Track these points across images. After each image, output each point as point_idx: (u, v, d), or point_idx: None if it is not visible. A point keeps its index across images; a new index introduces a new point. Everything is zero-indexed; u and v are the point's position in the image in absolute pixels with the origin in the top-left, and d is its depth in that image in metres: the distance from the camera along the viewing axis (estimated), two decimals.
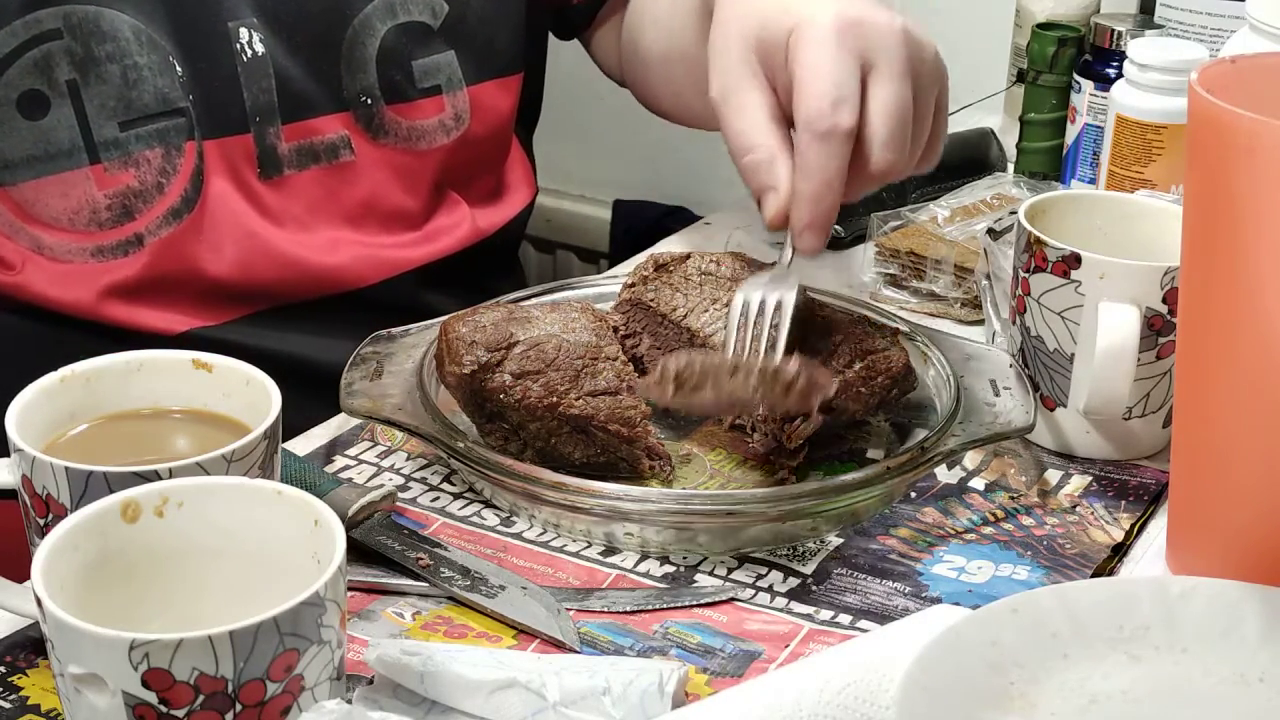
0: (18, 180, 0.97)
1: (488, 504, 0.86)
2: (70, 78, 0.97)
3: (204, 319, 1.04)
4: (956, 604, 0.75)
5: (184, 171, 1.01)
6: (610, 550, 0.82)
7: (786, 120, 0.86)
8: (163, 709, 0.58)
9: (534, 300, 0.97)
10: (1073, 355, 0.89)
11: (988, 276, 1.01)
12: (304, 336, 1.07)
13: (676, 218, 1.88)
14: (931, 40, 0.88)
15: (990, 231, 1.03)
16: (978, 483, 0.88)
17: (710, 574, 0.80)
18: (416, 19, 1.09)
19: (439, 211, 1.14)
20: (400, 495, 0.86)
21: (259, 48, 1.03)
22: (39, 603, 0.59)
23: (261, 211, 1.05)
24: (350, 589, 0.76)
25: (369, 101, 1.08)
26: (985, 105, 1.38)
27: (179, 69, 1.00)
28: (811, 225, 0.84)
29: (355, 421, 0.92)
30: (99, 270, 1.00)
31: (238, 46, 1.02)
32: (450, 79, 1.11)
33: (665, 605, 0.78)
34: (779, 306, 0.84)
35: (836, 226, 1.19)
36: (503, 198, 1.20)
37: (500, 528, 0.84)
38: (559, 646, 0.74)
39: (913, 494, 0.87)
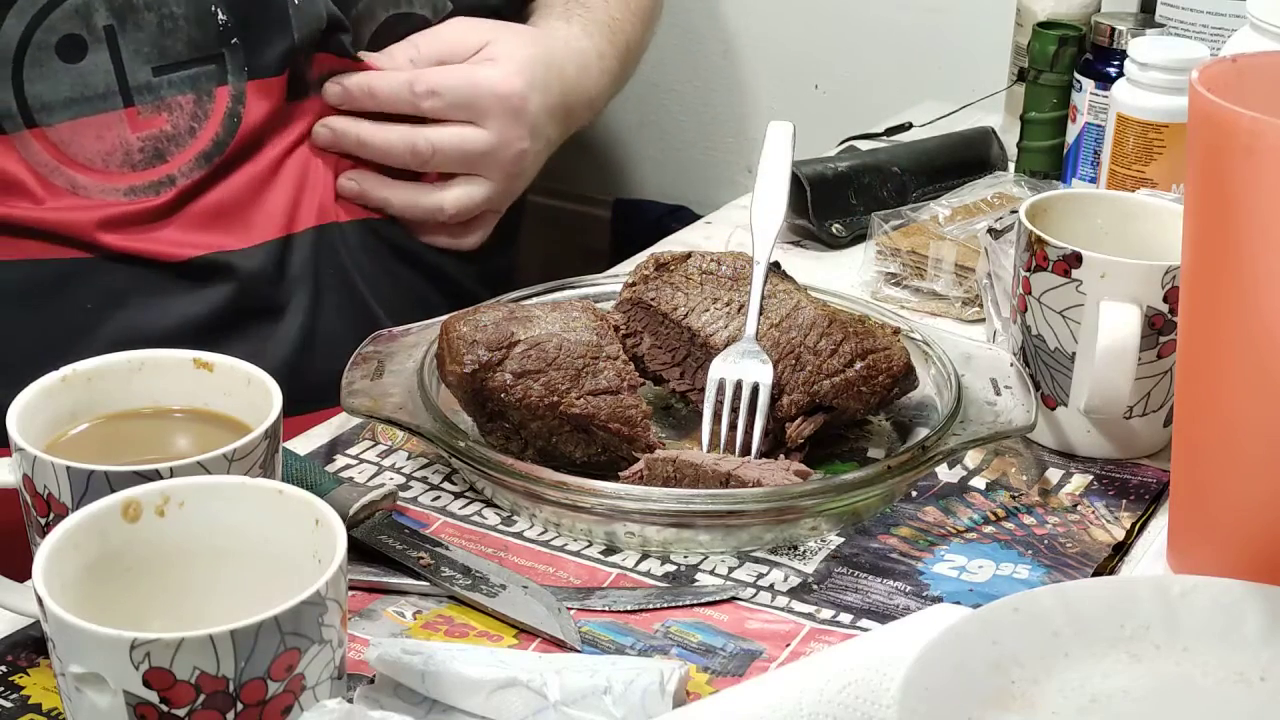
0: (55, 121, 1.01)
1: (489, 503, 0.86)
2: (108, 23, 1.01)
3: (224, 244, 1.06)
4: (957, 603, 0.75)
5: (215, 116, 1.04)
6: (611, 549, 0.82)
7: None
8: (164, 708, 0.58)
9: (534, 299, 0.97)
10: (1074, 354, 0.89)
11: (989, 275, 1.01)
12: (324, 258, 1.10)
13: (677, 217, 1.87)
14: (518, 189, 1.17)
15: (991, 230, 1.03)
16: (979, 482, 0.88)
17: (711, 573, 0.80)
18: (418, 11, 1.13)
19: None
20: (401, 494, 0.86)
21: None
22: (40, 602, 0.59)
23: (295, 135, 1.08)
24: (351, 588, 0.76)
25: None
26: (986, 104, 1.38)
27: (221, 16, 1.03)
28: (337, 95, 1.10)
29: (356, 421, 0.92)
30: (127, 204, 1.04)
31: None
32: None
33: (666, 604, 0.78)
34: (755, 390, 0.87)
35: (836, 225, 1.20)
36: None
37: (501, 527, 0.84)
38: (560, 646, 0.74)
39: (914, 493, 0.87)
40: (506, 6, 1.21)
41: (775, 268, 0.93)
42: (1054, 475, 0.90)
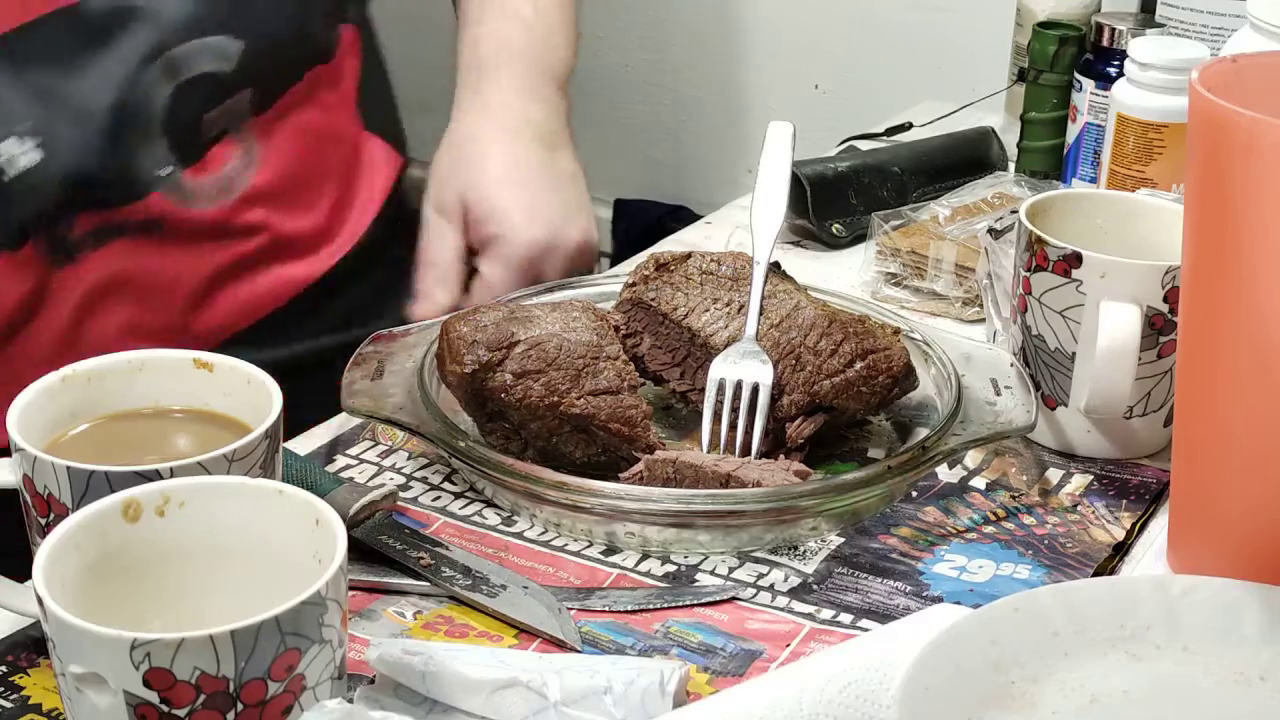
0: None
1: (489, 503, 0.86)
2: None
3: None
4: (957, 603, 0.75)
5: None
6: (611, 549, 0.82)
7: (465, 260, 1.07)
8: (164, 708, 0.58)
9: (535, 299, 0.97)
10: (1074, 354, 0.89)
11: (989, 275, 1.01)
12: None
13: (677, 217, 1.88)
14: (595, 253, 1.10)
15: (991, 230, 1.03)
16: (979, 482, 0.88)
17: (711, 573, 0.80)
18: (206, 70, 1.01)
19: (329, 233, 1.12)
20: (401, 495, 0.86)
21: (24, 161, 0.95)
22: (40, 602, 0.59)
23: (80, 293, 1.00)
24: (351, 588, 0.76)
25: (169, 171, 1.01)
26: (986, 104, 1.38)
27: None
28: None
29: (356, 421, 0.92)
30: None
31: None
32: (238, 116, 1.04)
33: (666, 604, 0.78)
34: (755, 390, 0.87)
35: (836, 225, 1.20)
36: (356, 197, 1.15)
37: (501, 527, 0.84)
38: (560, 646, 0.74)
39: (914, 493, 0.87)
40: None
41: (775, 268, 0.93)
42: (1054, 475, 0.90)
